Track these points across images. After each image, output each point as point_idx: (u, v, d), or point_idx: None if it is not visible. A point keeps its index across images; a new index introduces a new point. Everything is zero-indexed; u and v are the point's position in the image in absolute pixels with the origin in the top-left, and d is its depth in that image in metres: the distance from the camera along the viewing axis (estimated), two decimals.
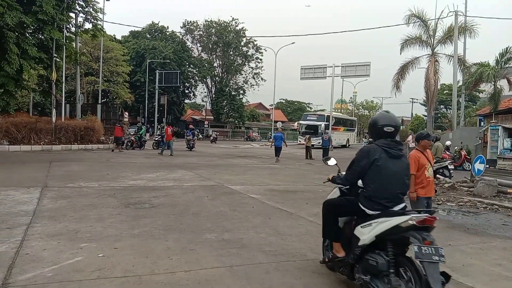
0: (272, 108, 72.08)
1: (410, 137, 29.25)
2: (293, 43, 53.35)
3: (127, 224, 6.29)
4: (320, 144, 26.39)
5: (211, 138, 44.97)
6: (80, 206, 7.48)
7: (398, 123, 3.94)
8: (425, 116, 52.43)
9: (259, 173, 14.84)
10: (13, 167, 13.56)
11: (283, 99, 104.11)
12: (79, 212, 7.02)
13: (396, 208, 3.73)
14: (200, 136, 47.71)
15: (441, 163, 14.09)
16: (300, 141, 39.58)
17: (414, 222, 3.30)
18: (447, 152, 16.99)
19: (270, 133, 58.37)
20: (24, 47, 21.43)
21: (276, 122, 58.91)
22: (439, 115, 63.23)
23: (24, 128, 21.27)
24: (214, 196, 9.36)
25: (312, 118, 42.43)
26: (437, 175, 13.66)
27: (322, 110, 54.41)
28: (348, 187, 4.23)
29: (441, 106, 64.90)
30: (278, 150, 21.76)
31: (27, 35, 23.36)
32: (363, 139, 46.14)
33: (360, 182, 3.99)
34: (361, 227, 3.74)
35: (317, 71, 43.66)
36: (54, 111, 23.38)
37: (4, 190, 8.70)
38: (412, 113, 76.53)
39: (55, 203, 7.68)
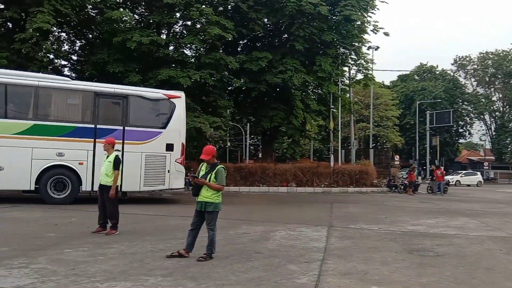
0: None
1: None
2: None
3: (414, 271, 6.14)
4: None
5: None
6: (364, 248, 7.79)
7: None
8: None
9: None
10: (302, 206, 15.46)
11: None
12: (364, 253, 7.31)
13: None
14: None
15: None
16: None
17: None
18: None
19: None
20: (307, 102, 24.82)
21: None
22: None
23: (308, 172, 24.10)
24: (509, 249, 8.10)
25: None
26: None
27: None
28: None
29: None
30: None
31: (309, 91, 27.00)
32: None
33: None
34: None
35: None
36: (332, 156, 25.77)
37: (298, 227, 9.98)
38: None
39: (341, 243, 8.26)
